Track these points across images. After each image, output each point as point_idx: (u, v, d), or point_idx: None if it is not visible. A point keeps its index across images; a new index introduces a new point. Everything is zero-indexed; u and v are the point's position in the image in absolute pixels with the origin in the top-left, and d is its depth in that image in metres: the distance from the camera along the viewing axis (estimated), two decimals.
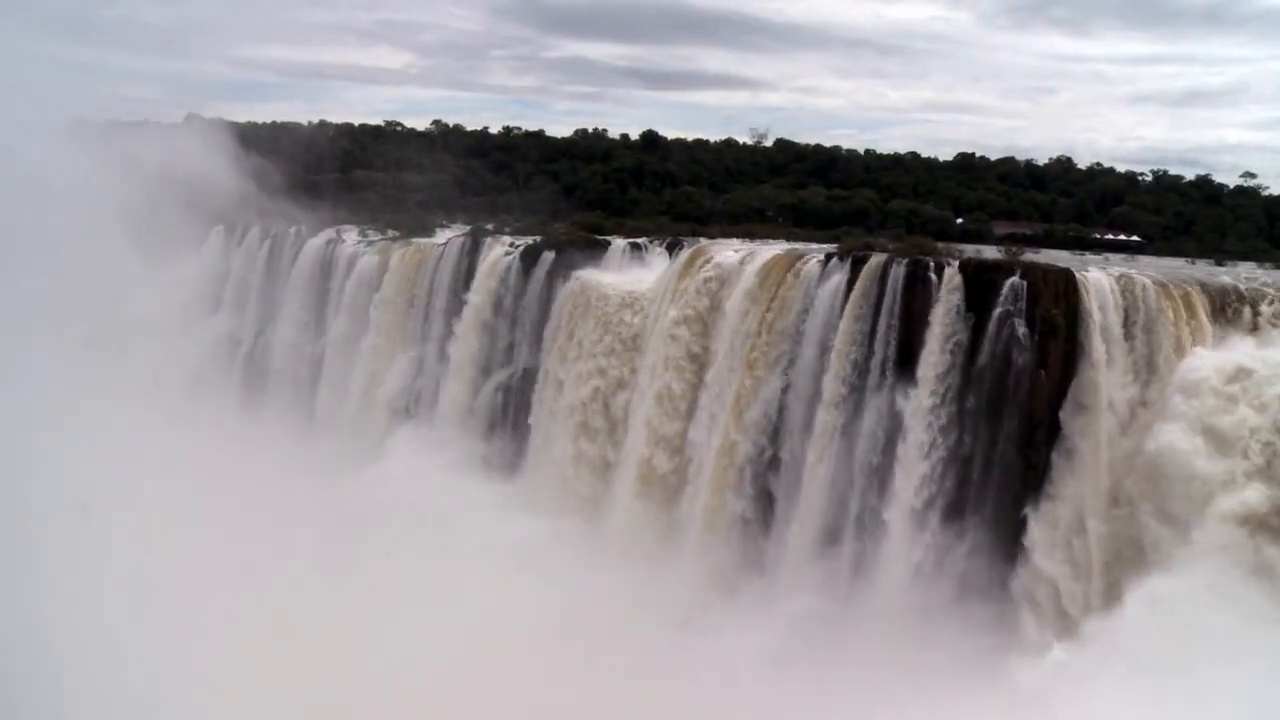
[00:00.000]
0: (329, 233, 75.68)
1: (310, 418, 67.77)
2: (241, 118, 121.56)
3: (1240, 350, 32.26)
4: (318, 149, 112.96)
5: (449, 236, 65.97)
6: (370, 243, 71.06)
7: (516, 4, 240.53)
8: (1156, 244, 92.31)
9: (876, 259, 38.08)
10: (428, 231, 73.60)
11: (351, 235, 74.23)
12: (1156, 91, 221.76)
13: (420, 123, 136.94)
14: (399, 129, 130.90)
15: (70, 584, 34.90)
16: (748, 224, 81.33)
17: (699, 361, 44.14)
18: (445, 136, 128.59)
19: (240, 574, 38.51)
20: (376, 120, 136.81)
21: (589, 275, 52.70)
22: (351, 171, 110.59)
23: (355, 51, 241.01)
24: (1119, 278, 34.63)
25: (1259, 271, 49.35)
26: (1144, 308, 33.62)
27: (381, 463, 56.25)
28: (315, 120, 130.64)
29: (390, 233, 73.58)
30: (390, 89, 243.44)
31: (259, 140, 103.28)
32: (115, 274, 70.70)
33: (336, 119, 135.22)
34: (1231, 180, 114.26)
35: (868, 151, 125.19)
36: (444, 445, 56.82)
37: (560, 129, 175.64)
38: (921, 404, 35.10)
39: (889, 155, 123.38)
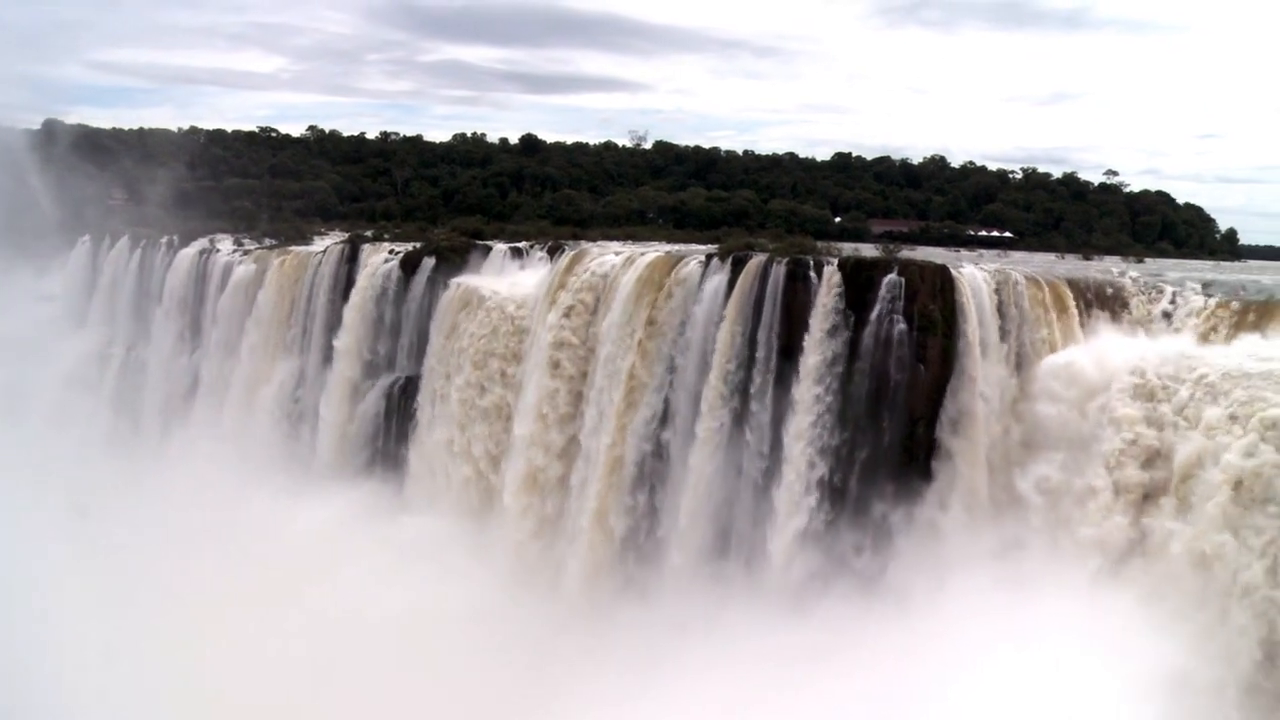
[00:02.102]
0: (202, 242, 73.98)
1: (188, 432, 65.94)
2: (106, 124, 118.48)
3: (1107, 341, 33.21)
4: (189, 156, 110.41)
5: (327, 244, 64.86)
6: (246, 251, 69.52)
7: (390, 6, 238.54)
8: (1027, 239, 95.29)
9: (757, 259, 38.23)
10: (305, 239, 72.47)
11: (226, 244, 72.65)
12: (1024, 92, 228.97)
13: (295, 129, 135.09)
14: (273, 135, 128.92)
15: None
16: (628, 226, 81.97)
17: (582, 365, 43.93)
18: (321, 142, 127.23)
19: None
20: (250, 126, 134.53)
21: (470, 281, 52.21)
22: (225, 179, 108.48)
23: (226, 56, 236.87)
24: (993, 273, 35.38)
25: (1123, 265, 51.00)
26: (1017, 302, 34.39)
27: (257, 474, 55.09)
28: (186, 126, 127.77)
29: (267, 241, 72.22)
30: (264, 94, 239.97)
31: (126, 147, 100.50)
32: None
33: (208, 125, 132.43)
34: (1096, 177, 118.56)
35: (746, 152, 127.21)
36: (327, 454, 55.91)
37: (438, 133, 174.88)
38: (804, 401, 35.34)
39: (767, 156, 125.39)
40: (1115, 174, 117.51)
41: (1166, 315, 34.65)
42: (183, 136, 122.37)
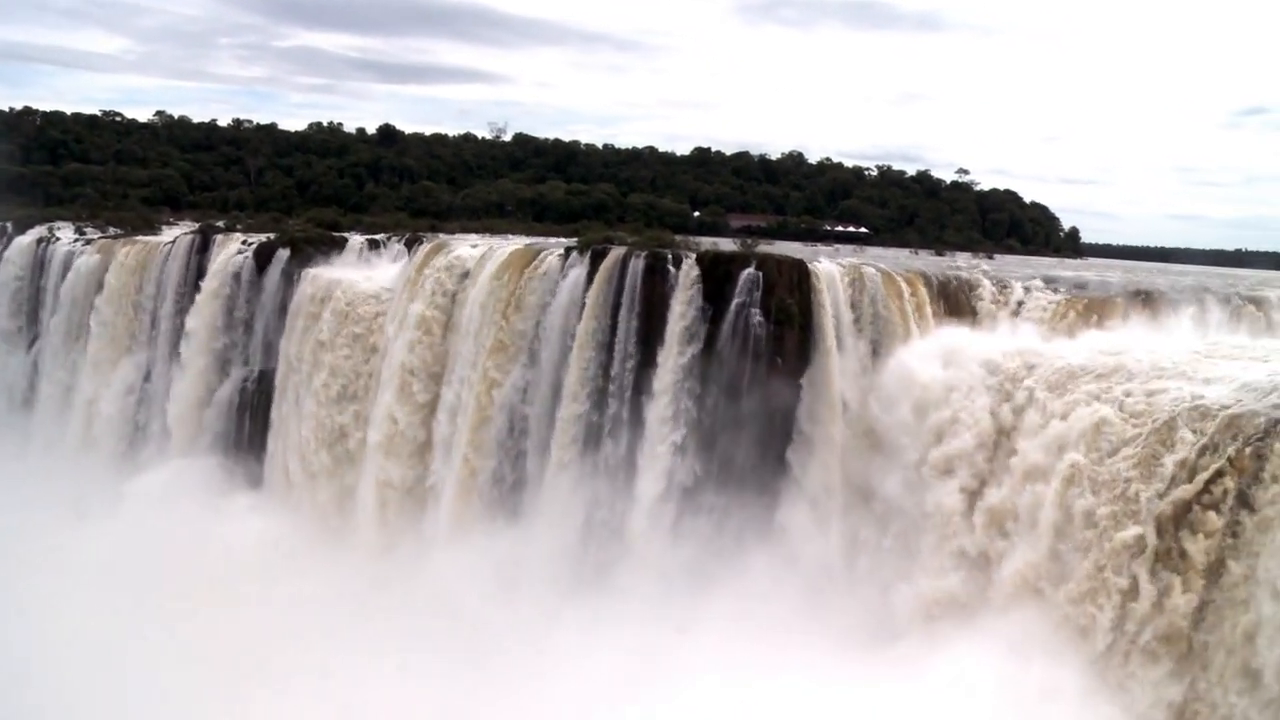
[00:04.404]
0: (40, 230, 70.70)
1: (27, 434, 63.11)
2: None
3: (956, 334, 34.18)
4: (23, 138, 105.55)
5: (177, 234, 62.70)
6: (88, 241, 66.73)
7: None
8: (883, 235, 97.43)
9: (616, 252, 38.28)
10: (153, 229, 69.93)
11: (67, 233, 69.57)
12: (879, 90, 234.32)
13: (142, 113, 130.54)
14: (118, 119, 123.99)
15: None
16: (487, 219, 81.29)
17: (440, 358, 43.42)
18: (170, 128, 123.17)
19: None
20: (92, 109, 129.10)
21: (326, 273, 51.07)
22: (64, 164, 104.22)
23: (62, 34, 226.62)
24: (848, 268, 36.02)
25: (975, 260, 52.49)
26: (871, 296, 35.12)
27: (104, 468, 53.13)
28: (19, 106, 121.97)
29: (112, 230, 69.51)
30: (106, 76, 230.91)
31: None
32: None
33: (45, 106, 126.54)
34: (948, 175, 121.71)
35: (606, 146, 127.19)
36: (176, 451, 54.15)
37: (294, 122, 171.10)
38: (663, 394, 35.53)
39: (627, 150, 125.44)
40: (966, 172, 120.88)
41: (1015, 311, 35.80)
42: (15, 117, 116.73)
